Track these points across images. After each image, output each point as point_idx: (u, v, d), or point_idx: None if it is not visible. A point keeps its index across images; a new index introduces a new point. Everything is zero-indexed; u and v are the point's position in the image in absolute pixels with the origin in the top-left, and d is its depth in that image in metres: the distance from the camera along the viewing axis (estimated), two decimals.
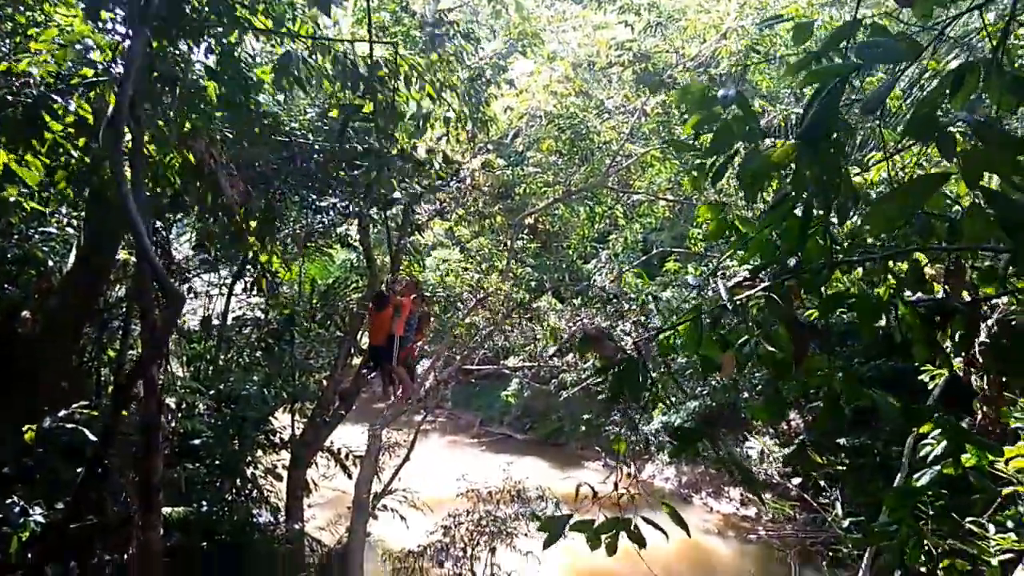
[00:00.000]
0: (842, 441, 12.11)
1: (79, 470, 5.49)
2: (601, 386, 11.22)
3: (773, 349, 2.91)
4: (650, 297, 10.04)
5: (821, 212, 2.82)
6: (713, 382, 12.15)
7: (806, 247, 2.83)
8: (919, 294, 2.89)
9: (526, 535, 9.82)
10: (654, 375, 3.25)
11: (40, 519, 4.16)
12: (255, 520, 6.91)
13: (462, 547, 9.57)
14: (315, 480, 9.64)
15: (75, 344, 6.11)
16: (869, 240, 3.28)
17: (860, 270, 3.11)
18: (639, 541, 3.13)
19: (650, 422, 16.05)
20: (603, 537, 3.15)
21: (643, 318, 10.90)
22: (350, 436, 11.40)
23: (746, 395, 14.14)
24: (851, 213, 2.85)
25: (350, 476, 9.91)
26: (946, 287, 2.72)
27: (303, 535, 7.98)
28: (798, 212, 2.82)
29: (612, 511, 3.06)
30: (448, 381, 12.18)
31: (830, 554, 5.77)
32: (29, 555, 4.03)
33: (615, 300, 11.00)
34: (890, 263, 3.07)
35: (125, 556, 5.28)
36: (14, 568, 3.82)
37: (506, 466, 11.13)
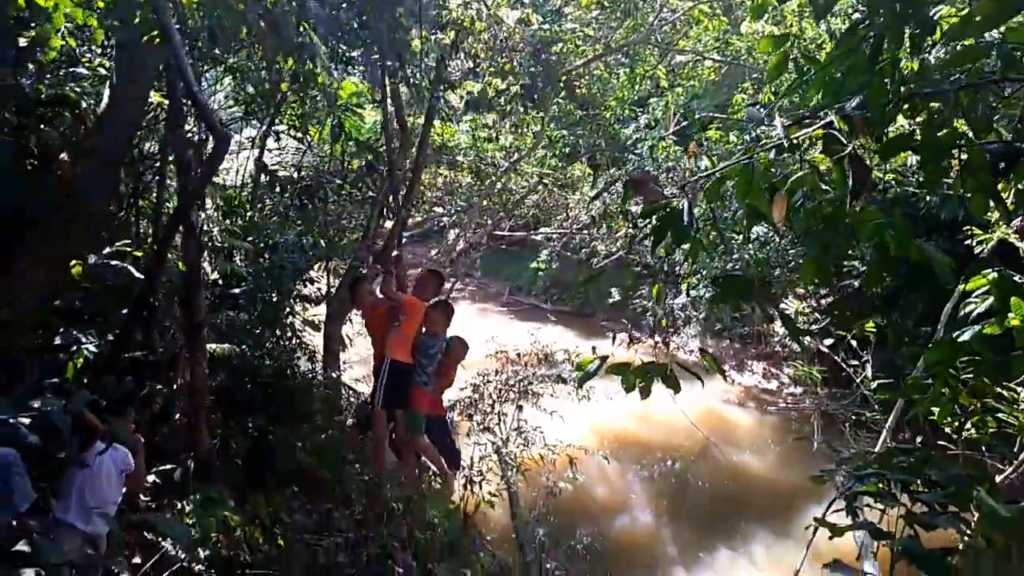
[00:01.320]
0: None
1: (124, 312, 5.70)
2: (635, 249, 11.19)
3: (827, 188, 2.80)
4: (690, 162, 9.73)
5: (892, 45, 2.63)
6: (746, 255, 12.04)
7: (872, 85, 2.66)
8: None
9: (552, 395, 10.16)
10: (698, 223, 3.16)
11: (92, 347, 4.35)
12: (294, 366, 7.19)
13: (490, 403, 9.96)
14: (350, 337, 9.93)
15: (112, 189, 6.15)
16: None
17: (925, 114, 2.91)
18: (674, 386, 3.17)
19: (676, 296, 16.14)
20: (638, 381, 3.20)
21: (678, 190, 10.61)
22: None
23: (777, 272, 14.06)
24: (925, 44, 2.64)
25: None
26: (1018, 125, 2.54)
27: (340, 383, 8.32)
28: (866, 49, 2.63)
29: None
30: (479, 246, 12.23)
31: (852, 417, 5.88)
32: (84, 380, 4.24)
33: (653, 168, 10.75)
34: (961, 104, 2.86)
35: (174, 387, 5.56)
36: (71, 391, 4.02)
37: (534, 331, 11.37)
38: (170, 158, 6.58)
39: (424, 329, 5.22)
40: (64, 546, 2.90)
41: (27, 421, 2.75)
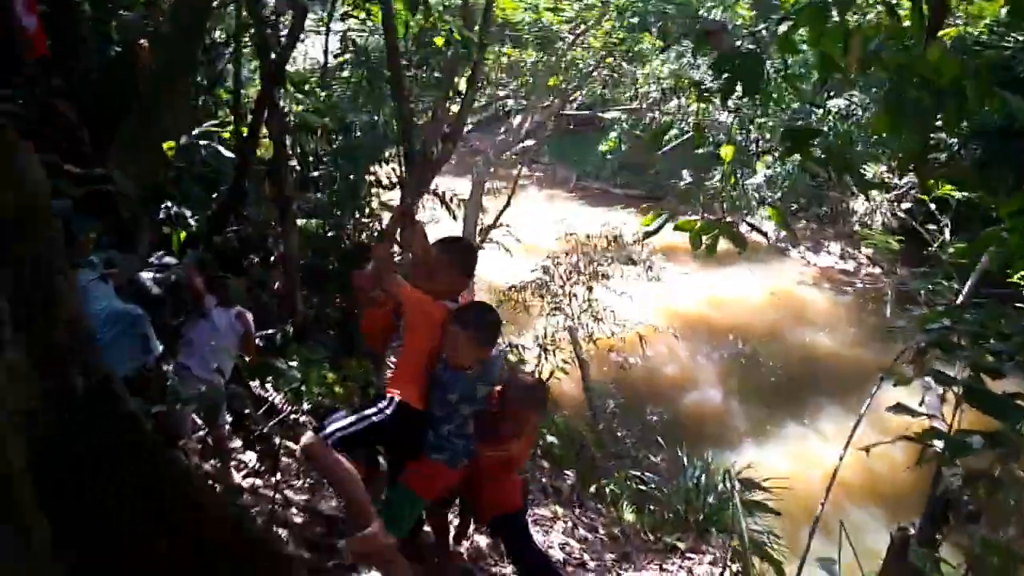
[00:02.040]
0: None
1: (214, 195, 6.04)
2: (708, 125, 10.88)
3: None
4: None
5: None
6: (826, 127, 11.54)
7: None
8: None
9: (621, 277, 10.29)
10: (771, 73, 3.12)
11: (192, 222, 4.69)
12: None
13: (560, 284, 10.19)
14: (423, 221, 10.19)
15: (190, 76, 6.34)
16: None
17: None
18: (741, 243, 3.23)
19: (752, 176, 15.66)
20: (704, 237, 3.27)
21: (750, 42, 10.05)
22: (453, 184, 11.82)
23: (859, 147, 13.43)
24: None
25: (455, 218, 10.43)
26: None
27: None
28: None
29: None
30: (545, 127, 12.05)
31: (929, 287, 5.77)
32: (187, 250, 4.61)
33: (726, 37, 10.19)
34: None
35: (271, 259, 5.95)
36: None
37: (603, 214, 11.37)
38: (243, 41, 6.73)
39: (444, 354, 2.78)
40: (190, 387, 3.31)
41: (151, 276, 3.08)
